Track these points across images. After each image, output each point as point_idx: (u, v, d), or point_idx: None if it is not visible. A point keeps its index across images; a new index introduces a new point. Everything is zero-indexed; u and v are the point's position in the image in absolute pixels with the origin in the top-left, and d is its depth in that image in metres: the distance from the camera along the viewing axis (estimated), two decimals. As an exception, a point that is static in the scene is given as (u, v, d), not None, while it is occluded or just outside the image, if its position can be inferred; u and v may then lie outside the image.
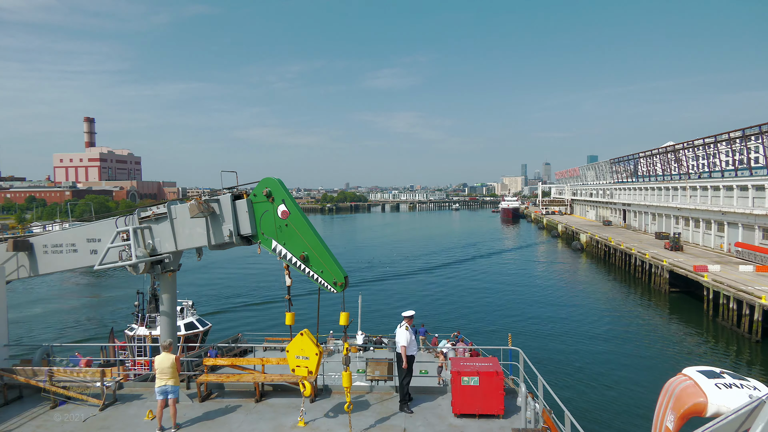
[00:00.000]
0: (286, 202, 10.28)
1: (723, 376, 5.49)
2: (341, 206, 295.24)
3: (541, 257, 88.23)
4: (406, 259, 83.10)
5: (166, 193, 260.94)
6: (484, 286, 59.95)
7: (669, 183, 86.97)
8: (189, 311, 29.74)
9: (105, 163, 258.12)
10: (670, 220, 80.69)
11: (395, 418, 11.07)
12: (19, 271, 12.48)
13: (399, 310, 13.58)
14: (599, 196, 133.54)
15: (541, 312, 46.40)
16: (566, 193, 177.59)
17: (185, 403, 11.98)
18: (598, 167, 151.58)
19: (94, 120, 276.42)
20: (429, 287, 59.20)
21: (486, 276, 67.22)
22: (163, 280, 11.72)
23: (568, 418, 8.70)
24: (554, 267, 75.11)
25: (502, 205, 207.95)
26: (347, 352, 10.37)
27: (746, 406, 4.43)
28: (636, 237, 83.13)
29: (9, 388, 12.39)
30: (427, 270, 71.05)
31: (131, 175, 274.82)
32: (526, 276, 66.98)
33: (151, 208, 11.44)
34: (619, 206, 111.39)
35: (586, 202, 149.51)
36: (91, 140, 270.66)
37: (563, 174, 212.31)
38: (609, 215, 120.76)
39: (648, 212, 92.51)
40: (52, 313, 50.16)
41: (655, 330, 40.90)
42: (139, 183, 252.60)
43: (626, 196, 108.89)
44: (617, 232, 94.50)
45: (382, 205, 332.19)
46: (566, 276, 67.10)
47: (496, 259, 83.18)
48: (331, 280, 10.00)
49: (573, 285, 60.90)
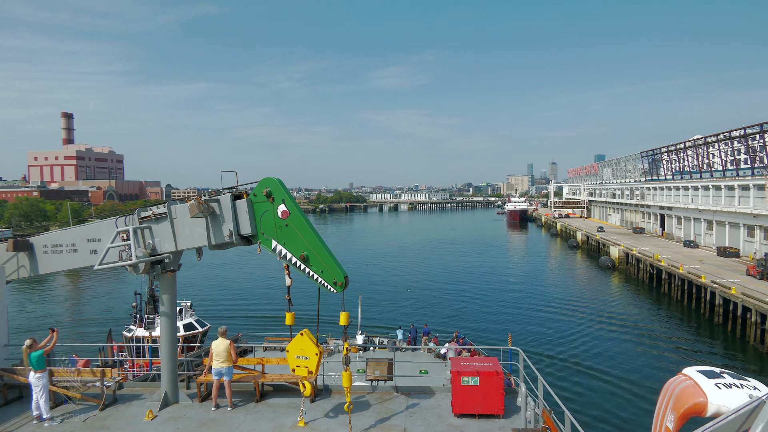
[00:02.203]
0: (286, 202, 10.28)
1: (723, 376, 5.50)
2: (335, 207, 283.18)
3: (559, 278, 65.79)
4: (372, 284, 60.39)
5: (148, 194, 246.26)
6: (487, 310, 47.36)
7: (739, 180, 64.31)
8: (187, 312, 29.73)
9: (82, 161, 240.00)
10: (739, 230, 60.66)
11: (395, 418, 11.08)
12: (19, 271, 12.46)
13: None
14: (625, 197, 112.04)
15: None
16: (582, 193, 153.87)
17: (185, 403, 11.98)
18: (622, 163, 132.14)
19: (72, 116, 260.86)
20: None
21: (489, 297, 52.99)
22: (162, 280, 11.72)
23: (568, 418, 8.72)
24: (578, 292, 55.71)
25: (508, 206, 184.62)
26: (347, 352, 10.37)
27: (746, 406, 4.43)
28: (687, 253, 63.55)
29: (9, 388, 12.39)
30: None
31: (112, 174, 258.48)
32: (541, 302, 50.44)
33: (151, 208, 11.43)
34: (655, 210, 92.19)
35: (607, 203, 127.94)
36: (69, 137, 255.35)
37: (577, 171, 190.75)
38: (639, 220, 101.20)
39: (702, 219, 71.46)
40: (51, 313, 50.10)
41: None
42: (118, 183, 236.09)
43: (665, 198, 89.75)
44: (656, 243, 76.12)
45: (380, 206, 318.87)
46: (598, 305, 49.17)
47: (499, 279, 63.86)
48: (331, 280, 10.01)
49: (610, 321, 43.06)
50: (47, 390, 11.14)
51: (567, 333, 39.87)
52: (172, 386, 11.99)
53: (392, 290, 57.69)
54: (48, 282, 65.85)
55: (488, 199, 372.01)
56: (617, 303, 51.06)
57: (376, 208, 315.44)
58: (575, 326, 41.83)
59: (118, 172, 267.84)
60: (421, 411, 11.43)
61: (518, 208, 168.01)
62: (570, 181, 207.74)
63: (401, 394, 12.53)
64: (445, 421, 10.84)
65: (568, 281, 64.50)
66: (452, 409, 11.09)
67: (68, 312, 51.01)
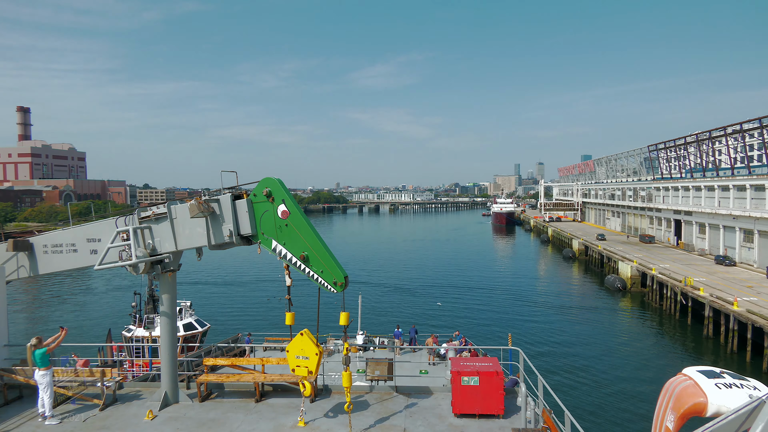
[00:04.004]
0: (286, 202, 10.29)
1: (723, 376, 5.50)
2: (312, 208, 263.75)
3: (553, 305, 51.07)
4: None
5: (110, 194, 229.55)
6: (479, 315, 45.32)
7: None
8: (187, 312, 29.73)
9: (39, 158, 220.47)
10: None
11: (395, 418, 11.08)
12: (19, 271, 12.46)
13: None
14: (627, 199, 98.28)
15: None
16: (575, 194, 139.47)
17: (185, 403, 11.98)
18: (622, 159, 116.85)
19: (29, 110, 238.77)
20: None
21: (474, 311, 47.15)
22: (162, 280, 11.72)
23: (568, 418, 8.72)
24: (577, 328, 42.39)
25: (494, 208, 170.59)
26: (347, 352, 10.38)
27: (746, 406, 4.44)
28: (723, 273, 49.34)
29: (9, 388, 12.38)
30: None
31: (73, 172, 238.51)
32: (534, 345, 37.10)
33: (151, 208, 11.44)
34: (668, 214, 77.55)
35: (604, 206, 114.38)
36: (25, 133, 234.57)
37: (569, 170, 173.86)
38: (646, 226, 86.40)
39: (736, 228, 56.46)
40: (51, 314, 50.10)
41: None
42: (77, 182, 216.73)
43: (681, 200, 74.96)
44: (675, 257, 61.59)
45: (360, 207, 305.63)
46: (609, 352, 36.17)
47: (479, 311, 48.72)
48: (331, 280, 10.01)
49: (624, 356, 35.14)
50: (51, 387, 11.17)
51: (568, 341, 39.85)
52: (172, 386, 11.98)
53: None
54: (48, 282, 65.82)
55: (474, 199, 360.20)
56: (637, 352, 36.43)
57: (356, 209, 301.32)
58: (577, 334, 41.80)
59: (80, 171, 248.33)
60: (421, 411, 11.43)
61: (504, 210, 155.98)
62: (560, 181, 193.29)
63: (401, 394, 12.53)
64: (445, 421, 10.84)
65: (565, 309, 48.97)
66: (452, 409, 11.09)
67: (68, 312, 51.00)
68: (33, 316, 48.69)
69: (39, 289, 62.38)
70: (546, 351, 35.61)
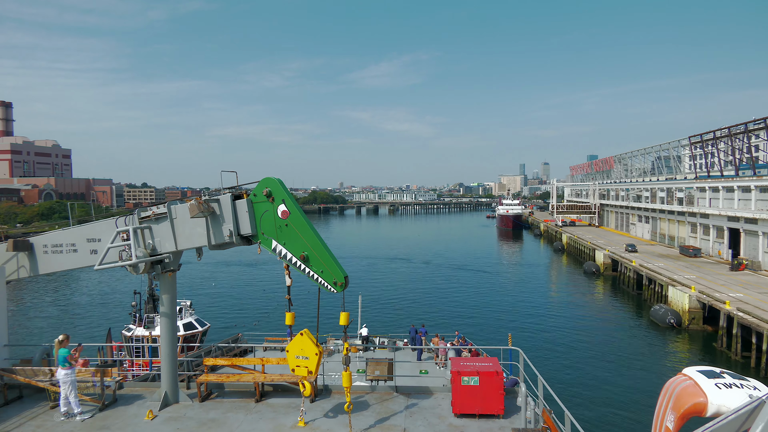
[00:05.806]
0: (286, 202, 10.29)
1: (723, 376, 5.50)
2: (307, 209, 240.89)
3: (585, 348, 37.16)
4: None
5: (94, 192, 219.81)
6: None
7: None
8: (187, 311, 29.74)
9: (19, 155, 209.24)
10: None
11: (395, 418, 11.08)
12: (19, 271, 12.47)
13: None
14: (658, 201, 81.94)
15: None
16: (591, 195, 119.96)
17: (185, 403, 11.98)
18: (651, 155, 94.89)
19: (11, 105, 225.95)
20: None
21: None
22: (163, 280, 11.72)
23: (568, 418, 8.72)
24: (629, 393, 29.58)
25: (499, 210, 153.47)
26: (347, 352, 10.38)
27: (746, 406, 4.44)
28: None
29: (9, 388, 12.38)
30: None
31: (57, 170, 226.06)
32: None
33: (151, 208, 11.45)
34: (718, 221, 61.00)
35: (628, 209, 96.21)
36: (7, 128, 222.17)
37: (583, 168, 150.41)
38: (686, 235, 69.98)
39: None
40: (51, 314, 50.09)
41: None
42: (59, 180, 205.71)
43: (738, 203, 58.40)
44: (738, 278, 46.79)
45: (358, 208, 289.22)
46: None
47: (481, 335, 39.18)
48: (331, 280, 10.01)
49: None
50: (75, 387, 11.27)
51: (569, 341, 39.80)
52: (172, 386, 11.98)
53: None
54: (48, 282, 65.81)
55: (478, 200, 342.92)
56: (637, 353, 33.51)
57: (354, 210, 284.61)
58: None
59: (65, 169, 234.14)
60: (421, 411, 11.43)
61: (511, 213, 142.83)
62: (568, 181, 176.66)
63: (401, 394, 12.53)
64: (445, 421, 10.84)
65: (604, 356, 34.98)
66: (452, 409, 11.09)
67: (67, 311, 50.99)
68: (33, 316, 48.67)
69: (39, 289, 62.38)
70: (546, 351, 35.62)
